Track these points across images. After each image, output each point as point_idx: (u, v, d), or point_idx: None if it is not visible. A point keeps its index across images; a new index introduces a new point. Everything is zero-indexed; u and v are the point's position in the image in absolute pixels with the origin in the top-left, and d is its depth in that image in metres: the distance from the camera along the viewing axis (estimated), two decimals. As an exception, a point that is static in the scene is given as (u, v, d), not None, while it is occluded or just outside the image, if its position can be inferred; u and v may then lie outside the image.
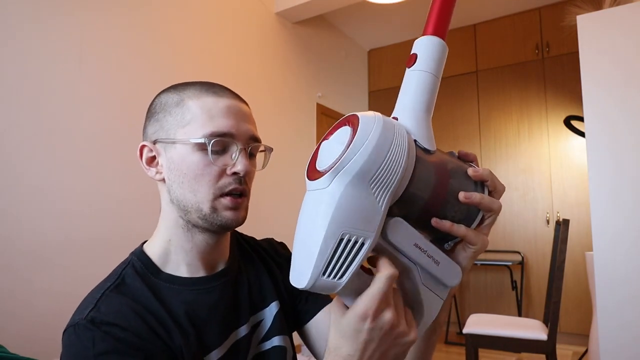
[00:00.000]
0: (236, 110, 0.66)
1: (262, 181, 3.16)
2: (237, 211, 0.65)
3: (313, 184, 0.39)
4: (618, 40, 1.99)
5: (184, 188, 0.64)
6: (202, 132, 0.62)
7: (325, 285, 0.37)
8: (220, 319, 0.67)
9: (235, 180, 0.64)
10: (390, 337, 0.43)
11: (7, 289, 1.73)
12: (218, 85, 0.68)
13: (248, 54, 3.15)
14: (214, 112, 0.64)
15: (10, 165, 1.78)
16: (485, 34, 4.08)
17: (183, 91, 0.66)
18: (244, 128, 0.66)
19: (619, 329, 1.87)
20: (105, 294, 0.61)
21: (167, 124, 0.65)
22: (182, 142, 0.63)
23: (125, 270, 0.66)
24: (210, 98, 0.65)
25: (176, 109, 0.65)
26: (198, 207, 0.63)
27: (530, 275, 3.70)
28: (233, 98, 0.67)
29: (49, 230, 1.88)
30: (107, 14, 2.22)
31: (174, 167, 0.64)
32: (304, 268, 0.38)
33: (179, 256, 0.67)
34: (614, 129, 1.96)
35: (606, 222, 1.93)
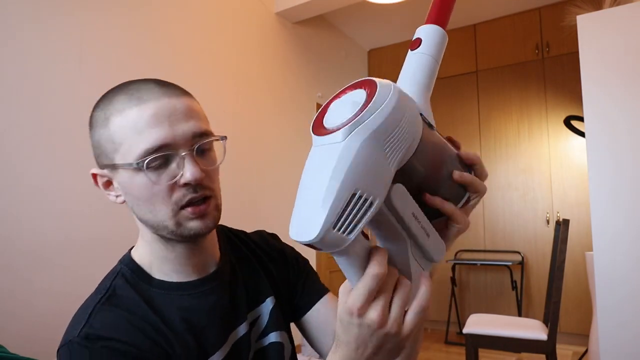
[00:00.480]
0: (167, 112, 0.58)
1: (262, 181, 3.17)
2: (203, 219, 0.61)
3: (324, 139, 0.38)
4: (618, 40, 1.99)
5: (142, 210, 0.60)
6: (134, 153, 0.57)
7: (334, 239, 0.36)
8: (219, 322, 0.65)
9: (189, 190, 0.59)
10: (379, 337, 0.41)
11: (7, 289, 1.73)
12: (145, 87, 0.61)
13: (248, 54, 3.15)
14: (140, 125, 0.57)
15: (10, 165, 1.78)
16: (485, 34, 4.08)
17: (108, 106, 0.60)
18: (181, 130, 0.59)
19: (619, 329, 1.87)
20: (97, 308, 0.59)
21: (103, 147, 0.60)
22: (121, 167, 0.59)
23: (116, 280, 0.63)
24: (133, 110, 0.58)
25: (104, 131, 0.59)
26: (163, 225, 0.60)
27: (530, 275, 3.70)
28: (162, 97, 0.59)
29: (49, 230, 1.88)
30: (107, 14, 2.22)
31: (126, 191, 0.61)
32: (312, 221, 0.36)
33: (166, 265, 0.65)
34: (614, 129, 1.96)
35: (606, 222, 1.93)
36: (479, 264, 3.76)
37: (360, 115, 0.37)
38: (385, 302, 0.41)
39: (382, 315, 0.40)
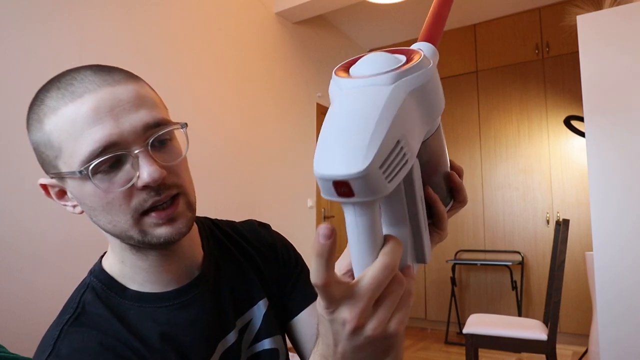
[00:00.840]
0: (109, 104, 0.49)
1: (262, 181, 3.17)
2: (173, 223, 0.53)
3: (362, 81, 0.34)
4: (618, 40, 1.99)
5: (101, 220, 0.53)
6: (77, 159, 0.48)
7: (376, 180, 0.31)
8: (204, 333, 0.58)
9: (150, 194, 0.51)
10: (357, 339, 0.34)
11: (8, 289, 1.73)
12: (80, 76, 0.51)
13: (248, 54, 3.15)
14: (78, 125, 0.48)
15: (10, 165, 1.78)
16: (485, 34, 4.08)
17: (40, 105, 0.51)
18: (129, 123, 0.50)
19: (619, 329, 1.87)
20: (65, 331, 0.52)
21: (43, 154, 0.52)
22: (68, 176, 0.51)
23: (85, 295, 0.56)
24: (69, 107, 0.49)
25: (40, 135, 0.51)
26: (126, 235, 0.52)
27: (530, 275, 3.70)
28: (101, 87, 0.50)
29: (50, 230, 1.88)
30: (107, 14, 2.22)
31: (79, 201, 0.53)
32: (355, 156, 0.30)
33: (139, 275, 0.57)
34: (614, 129, 1.96)
35: (606, 222, 1.93)
36: (479, 264, 3.76)
37: (407, 68, 0.34)
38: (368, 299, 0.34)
39: (357, 314, 0.33)
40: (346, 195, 0.31)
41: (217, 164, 2.77)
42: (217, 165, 2.77)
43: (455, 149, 4.09)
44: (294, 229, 3.41)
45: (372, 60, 0.36)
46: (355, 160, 0.30)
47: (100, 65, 0.53)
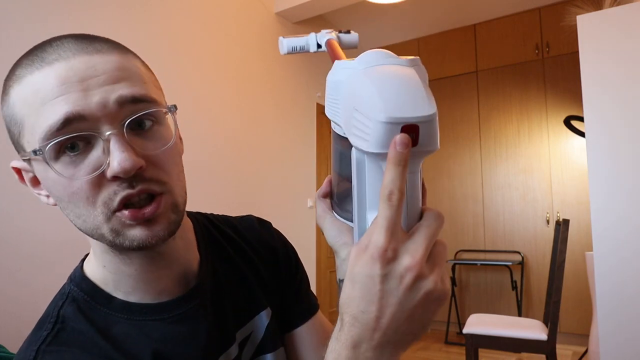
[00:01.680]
0: (80, 74, 0.41)
1: (262, 181, 3.17)
2: (151, 225, 0.44)
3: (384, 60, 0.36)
4: (618, 40, 1.99)
5: (70, 214, 0.45)
6: (37, 136, 0.41)
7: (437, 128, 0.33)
8: (202, 350, 0.51)
9: (121, 186, 0.42)
10: (415, 293, 0.31)
11: (7, 289, 1.73)
12: (57, 43, 0.43)
13: (248, 53, 3.15)
14: (40, 96, 0.40)
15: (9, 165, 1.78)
16: (485, 34, 4.08)
17: (11, 75, 0.44)
18: (100, 97, 0.41)
19: (619, 329, 1.87)
20: (42, 351, 0.44)
21: (10, 132, 0.45)
22: (30, 157, 0.43)
23: (64, 308, 0.48)
24: (34, 75, 0.41)
25: (5, 108, 0.44)
26: (98, 234, 0.44)
27: (530, 275, 3.70)
28: (76, 54, 0.42)
29: (50, 230, 1.88)
30: (107, 14, 2.22)
31: (46, 189, 0.46)
32: (424, 101, 0.32)
33: (125, 282, 0.49)
34: (614, 129, 1.96)
35: (606, 222, 1.93)
36: (479, 264, 3.76)
37: (414, 59, 0.37)
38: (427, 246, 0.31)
39: (419, 262, 0.30)
40: (410, 135, 0.32)
41: (217, 164, 2.77)
42: (217, 165, 2.76)
43: (455, 149, 4.09)
44: (294, 229, 3.41)
45: (375, 52, 0.37)
46: (423, 106, 0.32)
47: (85, 34, 0.45)
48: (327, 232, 0.44)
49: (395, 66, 0.35)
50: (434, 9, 3.91)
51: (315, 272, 3.59)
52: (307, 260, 3.52)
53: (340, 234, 0.43)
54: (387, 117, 0.31)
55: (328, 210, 0.45)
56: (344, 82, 0.37)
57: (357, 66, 0.36)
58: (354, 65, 0.37)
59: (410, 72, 0.35)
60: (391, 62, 0.36)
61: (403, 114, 0.31)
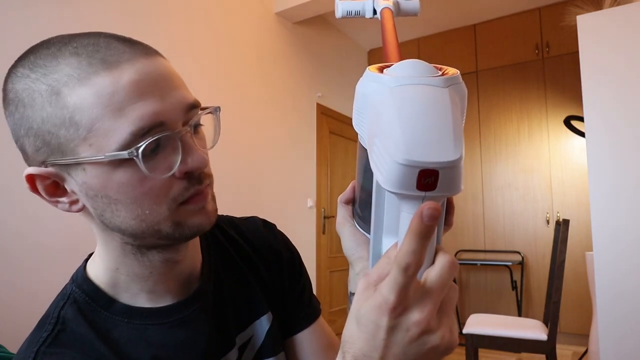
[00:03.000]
0: (152, 76, 0.43)
1: (262, 181, 3.17)
2: (206, 211, 0.48)
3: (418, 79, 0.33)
4: (618, 41, 1.99)
5: (122, 216, 0.44)
6: (116, 139, 0.41)
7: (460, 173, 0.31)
8: (201, 354, 0.51)
9: (192, 182, 0.46)
10: (420, 346, 0.31)
11: (7, 289, 1.73)
12: (103, 42, 0.43)
13: (248, 53, 3.15)
14: (119, 98, 0.40)
15: (11, 164, 1.78)
16: (485, 34, 4.08)
17: (49, 72, 0.41)
18: (173, 101, 0.44)
19: (619, 329, 1.87)
20: (41, 352, 0.44)
21: (51, 135, 0.42)
22: (91, 161, 0.42)
23: (65, 310, 0.48)
24: (103, 77, 0.41)
25: (54, 110, 0.41)
26: (153, 231, 0.45)
27: (530, 275, 3.70)
28: (136, 57, 0.43)
29: (50, 230, 1.88)
30: (107, 14, 2.22)
31: (95, 193, 0.44)
32: (448, 144, 0.29)
33: (135, 285, 0.50)
34: (614, 129, 1.96)
35: (606, 222, 1.93)
36: (479, 264, 3.76)
37: (454, 76, 0.34)
38: (437, 300, 0.31)
39: (428, 317, 0.31)
40: (426, 188, 0.29)
41: (217, 164, 2.76)
42: (217, 165, 2.76)
43: (455, 149, 4.08)
44: (294, 229, 3.41)
45: (412, 64, 0.34)
46: (448, 149, 0.29)
47: (114, 34, 0.45)
48: (345, 242, 0.45)
49: (428, 88, 0.32)
50: (434, 9, 3.91)
51: (315, 272, 3.59)
52: (307, 260, 3.52)
53: (358, 246, 0.43)
54: (405, 160, 0.29)
55: (349, 218, 0.46)
56: (371, 98, 0.34)
57: (388, 82, 0.33)
58: (384, 81, 0.33)
59: (443, 99, 0.32)
60: (425, 81, 0.33)
61: (423, 158, 0.29)
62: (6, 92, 0.44)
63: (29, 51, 0.44)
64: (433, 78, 0.33)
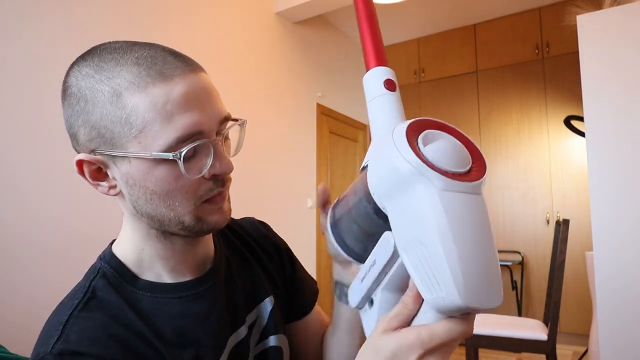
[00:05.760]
0: (197, 91, 0.50)
1: (262, 181, 3.17)
2: (223, 210, 0.56)
3: (460, 185, 0.33)
4: (618, 40, 1.99)
5: (155, 204, 0.51)
6: (162, 141, 0.48)
7: None
8: (215, 327, 0.57)
9: (217, 183, 0.53)
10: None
11: (7, 289, 1.73)
12: (160, 56, 0.51)
13: (248, 54, 3.15)
14: (170, 108, 0.48)
15: (13, 163, 1.78)
16: (485, 34, 4.08)
17: (113, 76, 0.48)
18: (212, 113, 0.52)
19: (619, 329, 1.87)
20: (74, 316, 0.50)
21: (106, 130, 0.49)
22: (137, 156, 0.49)
23: (95, 281, 0.54)
24: (159, 87, 0.48)
25: (113, 109, 0.48)
26: (178, 221, 0.52)
27: (530, 275, 3.70)
28: (187, 72, 0.51)
29: (50, 230, 1.88)
30: (107, 14, 2.22)
31: (134, 182, 0.51)
32: (495, 290, 0.33)
33: (158, 264, 0.57)
34: (614, 129, 1.96)
35: (606, 222, 1.93)
36: (479, 264, 3.76)
37: (480, 182, 0.34)
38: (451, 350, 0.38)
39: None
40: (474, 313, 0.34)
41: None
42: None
43: (455, 149, 4.08)
44: (294, 229, 3.41)
45: (451, 150, 0.34)
46: (497, 295, 0.33)
47: (169, 48, 0.55)
48: (330, 244, 0.51)
49: (473, 198, 0.33)
50: (434, 9, 3.91)
51: (316, 272, 3.59)
52: (307, 260, 3.52)
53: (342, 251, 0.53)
54: (463, 306, 0.31)
55: None
56: (411, 186, 0.33)
57: (436, 183, 0.33)
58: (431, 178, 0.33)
59: (485, 215, 0.34)
60: (470, 189, 0.33)
61: (478, 305, 0.32)
62: (68, 86, 0.51)
63: (93, 53, 0.51)
64: (475, 184, 0.34)
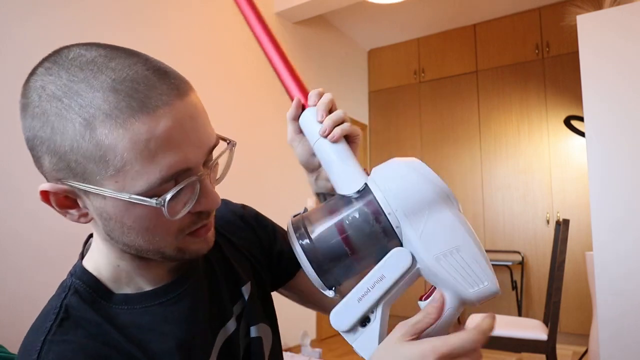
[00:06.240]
0: (183, 122, 0.43)
1: (262, 181, 3.17)
2: (207, 239, 0.51)
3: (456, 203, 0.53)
4: (618, 40, 1.99)
5: (132, 237, 0.46)
6: (143, 182, 0.42)
7: None
8: (203, 324, 0.54)
9: (201, 217, 0.49)
10: None
11: (7, 289, 1.73)
12: (141, 77, 0.42)
13: (248, 54, 3.15)
14: (154, 146, 0.41)
15: (13, 163, 1.78)
16: (485, 34, 4.08)
17: (85, 103, 0.40)
18: (199, 144, 0.45)
19: (619, 329, 1.87)
20: (48, 341, 0.45)
21: (77, 164, 0.42)
22: (114, 195, 0.42)
23: (67, 299, 0.49)
24: (141, 122, 0.41)
25: (86, 144, 0.41)
26: (157, 252, 0.48)
27: (530, 275, 3.70)
28: (172, 100, 0.43)
29: (50, 230, 1.88)
30: (107, 13, 2.22)
31: (109, 217, 0.45)
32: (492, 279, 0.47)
33: (136, 278, 0.52)
34: (614, 129, 1.96)
35: (606, 222, 1.93)
36: (479, 264, 3.76)
37: None
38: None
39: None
40: None
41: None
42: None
43: (455, 149, 4.08)
44: (294, 229, 3.40)
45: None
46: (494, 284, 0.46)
47: (151, 62, 0.46)
48: (300, 154, 0.59)
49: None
50: (434, 9, 3.91)
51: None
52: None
53: (311, 156, 0.60)
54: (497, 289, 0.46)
55: (299, 132, 0.60)
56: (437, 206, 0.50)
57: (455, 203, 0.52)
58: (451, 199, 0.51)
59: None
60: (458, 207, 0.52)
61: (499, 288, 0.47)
62: (29, 102, 0.44)
63: (59, 64, 0.43)
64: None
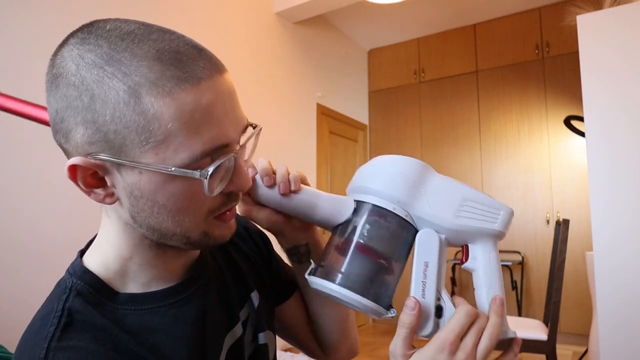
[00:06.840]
0: (223, 99, 0.43)
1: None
2: (230, 225, 0.50)
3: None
4: (618, 41, 1.99)
5: (161, 218, 0.45)
6: (186, 155, 0.41)
7: None
8: (210, 329, 0.53)
9: (230, 199, 0.48)
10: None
11: (8, 289, 1.73)
12: (183, 49, 0.43)
13: (248, 54, 3.15)
14: (198, 117, 0.41)
15: (13, 162, 1.78)
16: (485, 34, 4.08)
17: (129, 71, 0.40)
18: (236, 122, 0.45)
19: (619, 329, 1.87)
20: (52, 348, 0.41)
21: (116, 135, 0.40)
22: (152, 169, 0.41)
23: (69, 302, 0.45)
24: (187, 92, 0.40)
25: (130, 112, 0.39)
26: (183, 236, 0.46)
27: (530, 275, 3.70)
28: (214, 75, 0.43)
29: (50, 230, 1.88)
30: (107, 13, 2.22)
31: (141, 195, 0.43)
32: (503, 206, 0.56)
33: (147, 273, 0.50)
34: (614, 129, 1.96)
35: (606, 222, 1.93)
36: (479, 264, 3.76)
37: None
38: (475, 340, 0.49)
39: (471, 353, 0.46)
40: None
41: (217, 164, 2.76)
42: (217, 165, 2.76)
43: (455, 149, 4.08)
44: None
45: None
46: None
47: (187, 38, 0.45)
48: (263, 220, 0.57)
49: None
50: (434, 9, 3.91)
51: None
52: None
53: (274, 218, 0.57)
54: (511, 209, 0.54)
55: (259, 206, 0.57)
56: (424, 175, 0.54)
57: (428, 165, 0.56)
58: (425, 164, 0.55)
59: None
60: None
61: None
62: (63, 72, 0.42)
63: (97, 35, 0.42)
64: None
